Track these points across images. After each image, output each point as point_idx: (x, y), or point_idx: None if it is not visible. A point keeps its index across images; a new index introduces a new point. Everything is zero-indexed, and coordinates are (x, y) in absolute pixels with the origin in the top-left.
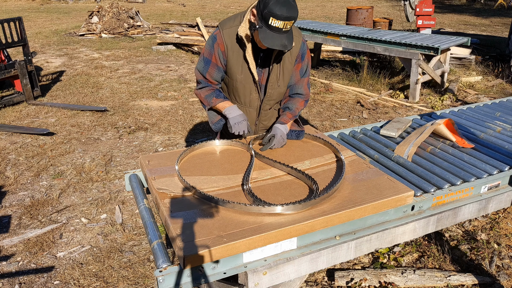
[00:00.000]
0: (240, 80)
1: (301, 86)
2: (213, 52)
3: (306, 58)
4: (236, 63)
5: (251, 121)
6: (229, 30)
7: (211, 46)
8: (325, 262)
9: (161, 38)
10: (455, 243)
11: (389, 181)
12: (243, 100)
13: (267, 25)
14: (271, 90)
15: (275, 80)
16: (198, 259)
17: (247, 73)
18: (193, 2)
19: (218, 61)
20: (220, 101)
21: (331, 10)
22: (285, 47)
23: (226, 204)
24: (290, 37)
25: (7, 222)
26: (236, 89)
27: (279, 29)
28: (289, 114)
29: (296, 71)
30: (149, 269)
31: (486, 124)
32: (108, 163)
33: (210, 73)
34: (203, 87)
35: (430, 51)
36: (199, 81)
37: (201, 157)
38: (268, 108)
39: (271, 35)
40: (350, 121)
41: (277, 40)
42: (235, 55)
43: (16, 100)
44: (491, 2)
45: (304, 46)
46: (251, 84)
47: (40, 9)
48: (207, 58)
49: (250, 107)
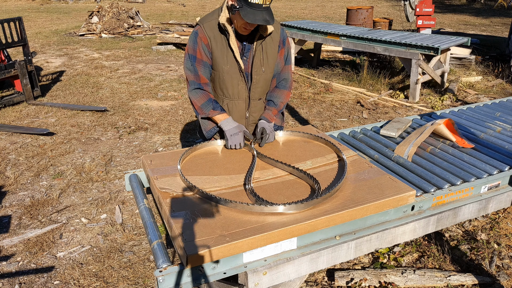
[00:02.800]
0: (227, 70)
1: (287, 73)
2: (197, 47)
3: (287, 43)
4: (221, 54)
5: (241, 115)
6: (210, 23)
7: (194, 41)
8: (325, 262)
9: (161, 38)
10: (455, 243)
11: (390, 181)
12: (231, 92)
13: (247, 3)
14: (256, 76)
15: (260, 65)
16: (200, 258)
17: (232, 63)
18: (193, 2)
19: (204, 56)
20: (217, 113)
21: (331, 10)
22: (268, 22)
23: (228, 203)
24: (270, 13)
25: (7, 222)
26: (223, 81)
27: (259, 5)
28: (274, 110)
29: (281, 58)
30: (149, 269)
31: (486, 124)
32: (108, 163)
33: (199, 69)
34: (196, 89)
35: (430, 51)
36: (190, 82)
37: (203, 157)
38: (257, 98)
39: (252, 12)
40: (350, 121)
41: (259, 15)
42: (219, 46)
43: (16, 100)
44: (491, 2)
45: (283, 32)
46: (237, 74)
47: (40, 9)
48: (192, 55)
49: (238, 99)
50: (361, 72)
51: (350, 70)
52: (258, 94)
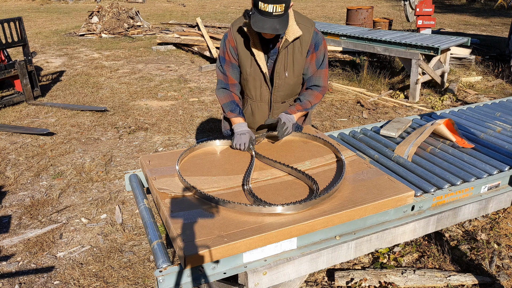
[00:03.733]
0: (250, 73)
1: (319, 78)
2: (225, 49)
3: (321, 48)
4: (245, 57)
5: (264, 117)
6: (237, 26)
7: (223, 44)
8: (325, 262)
9: (161, 38)
10: (455, 243)
11: (389, 181)
12: (254, 94)
13: (258, 10)
14: (278, 81)
15: (282, 70)
16: (198, 259)
17: (255, 66)
18: (193, 2)
19: (231, 58)
20: (234, 115)
21: (331, 10)
22: (276, 31)
23: (227, 204)
24: (284, 21)
25: (7, 222)
26: (247, 83)
27: (269, 13)
28: (298, 106)
29: (312, 62)
30: (149, 269)
31: (486, 124)
32: (108, 163)
33: (227, 70)
34: (222, 88)
35: (430, 51)
36: (218, 80)
37: (201, 158)
38: (280, 101)
39: (261, 19)
40: (350, 121)
41: (267, 23)
42: (244, 49)
43: (16, 100)
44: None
45: (317, 36)
46: (260, 76)
47: (40, 9)
48: (222, 57)
49: (261, 101)
50: (361, 72)
51: (350, 70)
52: (281, 98)
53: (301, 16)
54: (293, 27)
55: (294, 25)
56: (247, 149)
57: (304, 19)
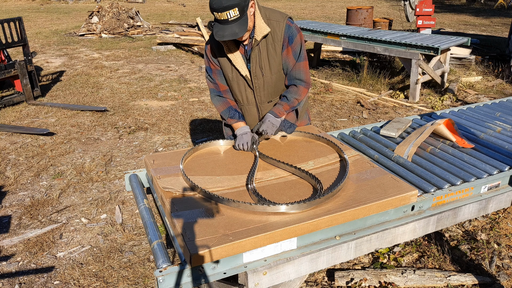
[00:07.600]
0: (233, 78)
1: (299, 71)
2: (208, 59)
3: (297, 41)
4: (225, 64)
5: (254, 119)
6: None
7: (206, 54)
8: (325, 262)
9: (161, 38)
10: (455, 243)
11: (392, 180)
12: (241, 98)
13: (216, 20)
14: (256, 81)
15: (258, 70)
16: (204, 257)
17: (235, 71)
18: (193, 2)
19: (215, 65)
20: (234, 121)
21: (331, 10)
22: (236, 35)
23: (231, 203)
24: (242, 23)
25: (7, 222)
26: (233, 88)
27: (225, 20)
28: (285, 106)
29: (288, 56)
30: (149, 269)
31: (486, 124)
32: (108, 163)
33: (216, 78)
34: (217, 95)
35: (430, 51)
36: (210, 89)
37: (205, 157)
38: (266, 101)
39: (222, 28)
40: (350, 121)
41: (227, 30)
42: (222, 55)
43: (16, 100)
44: (491, 2)
45: (290, 29)
46: (242, 80)
47: (40, 9)
48: (208, 67)
49: (249, 104)
50: (361, 72)
51: (350, 70)
52: (266, 98)
53: (273, 12)
54: (261, 25)
55: (262, 23)
56: (250, 149)
57: (276, 14)
